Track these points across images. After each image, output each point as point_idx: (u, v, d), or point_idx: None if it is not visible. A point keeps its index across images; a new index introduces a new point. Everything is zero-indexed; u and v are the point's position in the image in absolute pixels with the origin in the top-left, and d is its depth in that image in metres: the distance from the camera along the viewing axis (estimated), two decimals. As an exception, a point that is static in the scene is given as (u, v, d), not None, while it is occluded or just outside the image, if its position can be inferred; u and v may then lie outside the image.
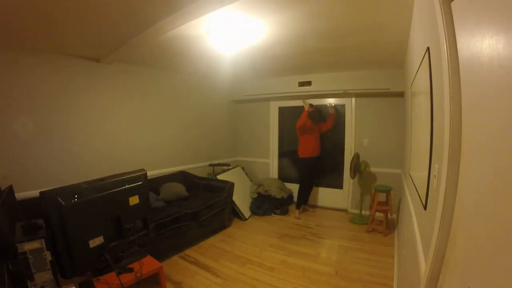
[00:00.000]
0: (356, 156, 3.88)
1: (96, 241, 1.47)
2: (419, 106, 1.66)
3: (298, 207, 4.22)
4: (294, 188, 4.84)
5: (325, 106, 4.40)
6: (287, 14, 1.95)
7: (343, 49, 2.86)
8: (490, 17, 0.58)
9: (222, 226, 3.66)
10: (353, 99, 4.21)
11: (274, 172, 5.11)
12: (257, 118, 5.16)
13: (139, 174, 1.79)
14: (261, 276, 2.52)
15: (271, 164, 5.12)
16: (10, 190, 1.98)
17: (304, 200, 4.30)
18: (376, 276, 2.46)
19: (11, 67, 2.41)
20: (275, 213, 4.25)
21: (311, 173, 4.23)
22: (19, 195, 2.24)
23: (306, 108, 3.97)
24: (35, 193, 1.67)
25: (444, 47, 0.82)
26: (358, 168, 3.88)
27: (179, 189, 3.54)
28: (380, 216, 3.57)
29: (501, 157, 0.53)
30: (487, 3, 0.60)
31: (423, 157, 1.35)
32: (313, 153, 4.08)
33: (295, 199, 4.81)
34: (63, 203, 1.34)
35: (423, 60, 1.36)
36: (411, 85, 2.20)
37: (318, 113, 4.10)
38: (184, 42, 2.55)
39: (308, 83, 4.32)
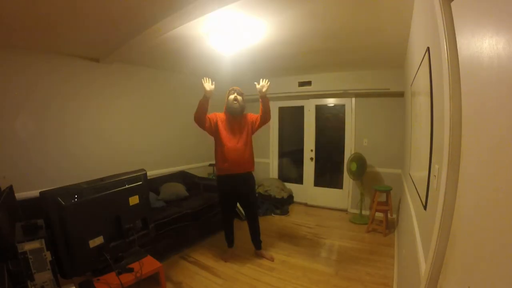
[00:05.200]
0: (359, 157, 3.86)
1: (96, 241, 1.47)
2: (419, 106, 1.66)
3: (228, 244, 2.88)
4: (294, 188, 4.85)
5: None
6: (287, 14, 1.95)
7: (343, 49, 2.87)
8: (490, 17, 0.58)
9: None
10: (353, 99, 4.21)
11: (274, 172, 5.11)
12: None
13: (139, 174, 1.79)
14: (261, 276, 2.52)
15: (271, 164, 5.12)
16: (10, 190, 1.97)
17: (229, 239, 2.87)
18: (376, 276, 2.46)
19: (10, 67, 2.41)
20: (275, 213, 4.25)
21: (230, 202, 2.80)
22: (19, 195, 2.24)
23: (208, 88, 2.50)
24: (35, 193, 1.67)
25: (444, 47, 0.82)
26: (362, 171, 3.84)
27: (179, 189, 3.54)
28: (380, 216, 3.57)
29: (501, 157, 0.53)
30: (487, 3, 0.60)
31: (423, 157, 1.35)
32: (233, 169, 2.60)
33: (295, 199, 4.82)
34: (63, 203, 1.34)
35: (423, 60, 1.36)
36: (411, 85, 2.20)
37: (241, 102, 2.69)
38: (184, 42, 2.55)
39: (308, 83, 4.33)
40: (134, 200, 1.70)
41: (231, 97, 2.68)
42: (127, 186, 1.69)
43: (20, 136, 2.49)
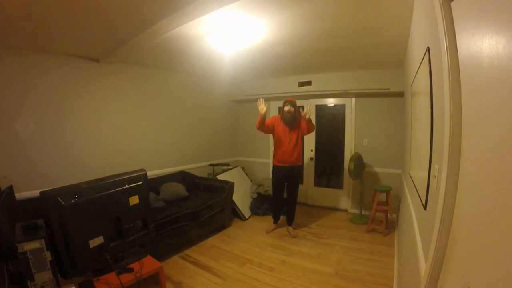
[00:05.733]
0: (357, 157, 3.87)
1: (96, 241, 1.47)
2: (419, 106, 1.66)
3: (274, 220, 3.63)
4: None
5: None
6: (287, 14, 1.95)
7: (343, 49, 2.86)
8: (490, 17, 0.58)
9: (222, 226, 3.66)
10: (353, 99, 4.21)
11: (274, 172, 5.10)
12: (257, 118, 5.15)
13: (139, 174, 1.79)
14: (261, 276, 2.52)
15: (271, 164, 5.11)
16: (10, 190, 1.98)
17: (276, 216, 3.63)
18: (376, 276, 2.46)
19: (11, 67, 2.41)
20: (275, 213, 4.25)
21: (279, 186, 3.50)
22: (19, 195, 2.24)
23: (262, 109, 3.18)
24: (35, 193, 1.67)
25: (444, 47, 0.82)
26: (360, 170, 3.85)
27: (179, 189, 3.54)
28: (380, 216, 3.57)
29: (501, 157, 0.53)
30: (487, 3, 0.60)
31: (423, 157, 1.35)
32: (284, 162, 3.33)
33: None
34: (63, 203, 1.34)
35: (423, 60, 1.36)
36: (411, 85, 2.20)
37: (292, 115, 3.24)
38: (184, 42, 2.55)
39: (308, 83, 4.32)
40: (134, 200, 1.70)
41: (286, 108, 3.22)
42: (127, 186, 1.69)
43: (20, 136, 2.48)
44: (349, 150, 4.28)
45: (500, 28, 0.53)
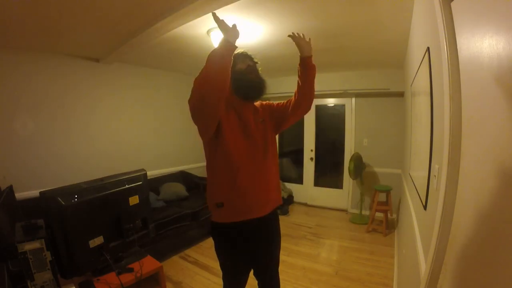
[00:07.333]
0: (357, 157, 3.88)
1: (96, 241, 1.47)
2: (419, 106, 1.66)
3: None
4: (294, 188, 4.84)
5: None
6: (287, 14, 1.95)
7: (343, 49, 2.86)
8: (490, 17, 0.58)
9: (222, 226, 3.65)
10: (353, 99, 4.21)
11: (274, 172, 5.10)
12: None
13: (139, 174, 1.79)
14: (261, 276, 2.51)
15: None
16: (10, 190, 1.98)
17: None
18: (376, 276, 2.46)
19: (10, 67, 2.41)
20: (275, 213, 4.21)
21: (241, 271, 1.54)
22: (19, 195, 2.24)
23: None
24: (35, 193, 1.67)
25: (444, 47, 0.82)
26: (360, 170, 3.85)
27: (179, 189, 3.54)
28: (380, 216, 3.56)
29: (501, 157, 0.53)
30: (487, 3, 0.60)
31: (423, 157, 1.35)
32: (254, 209, 1.37)
33: (295, 199, 4.81)
34: (63, 203, 1.34)
35: (423, 60, 1.36)
36: (411, 85, 2.20)
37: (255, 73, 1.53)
38: (184, 42, 2.55)
39: (308, 83, 4.32)
40: (134, 200, 1.70)
41: (242, 66, 1.43)
42: (127, 186, 1.69)
43: (20, 136, 2.48)
44: (349, 150, 4.28)
45: (500, 28, 0.53)
